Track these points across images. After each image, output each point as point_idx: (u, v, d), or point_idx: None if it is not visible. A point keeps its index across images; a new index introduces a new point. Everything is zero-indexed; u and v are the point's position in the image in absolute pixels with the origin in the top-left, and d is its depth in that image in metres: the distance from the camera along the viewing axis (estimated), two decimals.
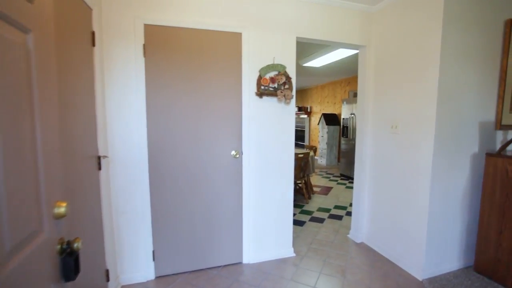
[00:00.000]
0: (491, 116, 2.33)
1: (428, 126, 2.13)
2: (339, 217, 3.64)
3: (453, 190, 2.26)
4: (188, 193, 2.24)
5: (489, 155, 2.21)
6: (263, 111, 2.35)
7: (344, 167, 6.17)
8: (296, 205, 4.14)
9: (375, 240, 2.73)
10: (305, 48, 4.31)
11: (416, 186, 2.26)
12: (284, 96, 2.30)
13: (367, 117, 2.76)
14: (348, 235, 3.06)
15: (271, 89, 2.32)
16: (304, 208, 4.00)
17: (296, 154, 3.94)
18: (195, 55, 2.14)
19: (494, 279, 2.22)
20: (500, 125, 2.33)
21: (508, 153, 2.23)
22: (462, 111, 2.20)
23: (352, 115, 5.88)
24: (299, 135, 9.85)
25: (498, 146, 2.43)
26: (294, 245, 2.79)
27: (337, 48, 3.91)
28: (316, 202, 4.28)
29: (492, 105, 2.32)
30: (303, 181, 4.33)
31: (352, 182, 5.66)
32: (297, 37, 2.41)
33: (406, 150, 2.34)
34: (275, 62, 2.33)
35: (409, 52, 2.27)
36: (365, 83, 2.73)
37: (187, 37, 2.10)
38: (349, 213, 3.78)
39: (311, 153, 4.45)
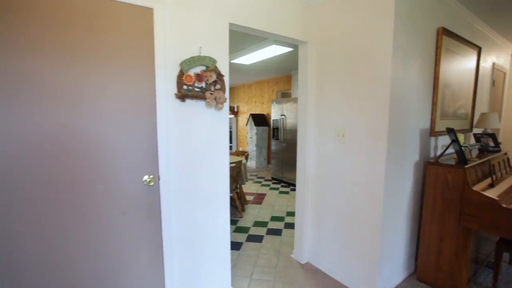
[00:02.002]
0: (427, 123, 2.29)
1: (380, 134, 1.91)
2: (278, 232, 3.29)
3: (400, 201, 2.12)
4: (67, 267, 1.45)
5: (430, 163, 2.14)
6: (187, 119, 1.73)
7: (275, 170, 5.99)
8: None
9: (322, 260, 2.45)
10: (234, 43, 3.80)
11: (367, 200, 2.03)
12: (215, 99, 1.73)
13: (309, 123, 2.44)
14: (291, 255, 2.72)
15: (197, 89, 1.71)
16: (239, 224, 3.52)
17: None
18: (67, 33, 1.36)
19: (435, 286, 2.20)
20: (434, 132, 2.31)
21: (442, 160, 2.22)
22: (408, 117, 2.06)
23: (283, 116, 5.71)
24: None
25: (432, 153, 2.44)
26: (233, 279, 2.27)
27: (269, 45, 3.54)
28: (251, 215, 3.86)
29: (428, 112, 2.28)
30: (236, 193, 3.85)
31: (285, 186, 5.50)
32: (230, 24, 1.87)
33: (356, 160, 2.09)
34: (202, 54, 1.74)
35: (357, 52, 2.01)
36: (307, 85, 2.39)
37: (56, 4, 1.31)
38: (288, 225, 3.49)
39: (243, 161, 4.00)
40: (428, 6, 2.09)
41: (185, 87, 1.67)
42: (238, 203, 3.76)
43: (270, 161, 6.17)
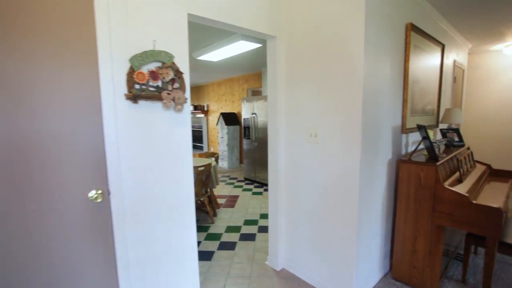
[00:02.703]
0: (398, 120, 2.26)
1: (354, 133, 1.82)
2: (252, 237, 3.14)
3: (375, 201, 2.07)
4: None
5: (402, 161, 2.11)
6: (141, 123, 1.50)
7: (248, 170, 5.83)
8: (199, 228, 3.40)
9: (297, 266, 2.34)
10: (199, 38, 3.56)
11: (342, 202, 1.94)
12: (174, 99, 1.51)
13: (280, 123, 2.30)
14: (266, 262, 2.58)
15: (152, 89, 1.49)
16: (211, 231, 3.32)
17: (195, 168, 3.20)
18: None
19: (410, 284, 2.18)
20: (405, 129, 2.29)
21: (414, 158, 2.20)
22: (381, 115, 2.00)
23: (254, 115, 5.56)
24: (197, 136, 9.05)
25: (403, 150, 2.43)
26: None
27: (237, 40, 3.35)
28: (223, 220, 3.67)
29: (399, 109, 2.25)
30: (207, 197, 3.63)
31: (258, 186, 5.37)
32: (189, 15, 1.66)
33: (329, 161, 1.99)
34: (157, 49, 1.51)
35: (329, 47, 1.90)
36: (277, 82, 2.25)
37: None
38: (261, 229, 3.35)
39: (213, 163, 3.79)
40: (397, 1, 2.04)
41: (137, 86, 1.44)
42: (209, 208, 3.55)
43: (243, 161, 6.01)
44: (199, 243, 3.01)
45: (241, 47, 3.68)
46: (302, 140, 2.17)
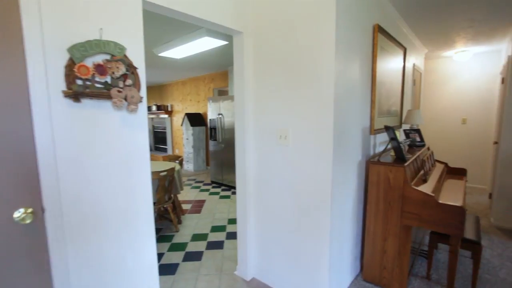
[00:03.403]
0: (367, 121, 2.26)
1: (326, 135, 1.75)
2: (220, 245, 2.97)
3: (346, 204, 2.03)
4: None
5: (372, 163, 2.10)
6: (85, 126, 1.26)
7: (215, 173, 5.62)
8: (163, 237, 3.14)
9: (269, 274, 2.22)
10: (160, 33, 3.29)
11: (314, 206, 1.87)
12: (126, 98, 1.30)
13: (248, 124, 2.17)
14: (235, 272, 2.43)
15: (99, 85, 1.25)
16: (175, 240, 3.07)
17: (157, 173, 2.94)
18: None
19: (381, 285, 2.19)
20: (373, 130, 2.30)
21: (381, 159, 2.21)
22: (351, 116, 1.96)
23: (220, 115, 5.36)
24: (160, 138, 8.59)
25: (372, 151, 2.44)
26: None
27: (202, 36, 3.15)
28: (188, 227, 3.44)
29: (368, 110, 2.25)
30: (171, 204, 3.37)
31: (226, 190, 5.19)
32: (144, 1, 1.45)
33: (300, 164, 1.90)
34: (104, 38, 1.28)
35: (299, 44, 1.80)
36: (244, 81, 2.11)
37: None
38: (230, 235, 3.19)
39: (177, 167, 3.54)
40: (365, 2, 2.02)
41: (79, 81, 1.20)
42: (173, 215, 3.29)
43: (209, 163, 5.78)
44: (161, 255, 2.76)
45: (206, 44, 3.48)
46: (271, 142, 2.06)
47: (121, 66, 1.28)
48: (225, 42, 3.46)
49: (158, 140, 8.76)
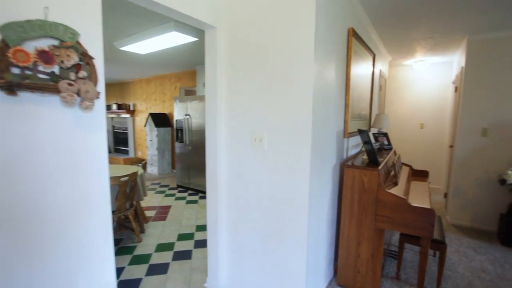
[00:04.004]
0: (341, 124, 2.25)
1: (303, 139, 1.68)
2: (188, 254, 2.76)
3: (322, 209, 1.98)
4: None
5: (347, 166, 2.09)
6: (24, 125, 1.02)
7: (181, 176, 5.34)
8: (123, 249, 2.85)
9: (241, 284, 2.09)
10: (122, 24, 3.01)
11: (291, 213, 1.78)
12: (79, 93, 1.09)
13: (219, 126, 2.02)
14: (205, 285, 2.26)
15: (43, 76, 1.03)
16: (137, 252, 2.80)
17: (117, 178, 2.66)
18: None
19: None
20: (347, 133, 2.30)
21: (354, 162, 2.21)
22: (328, 119, 1.92)
23: (188, 116, 5.11)
24: (121, 139, 8.01)
25: (345, 155, 2.44)
26: None
27: (169, 31, 2.93)
28: (152, 236, 3.17)
29: (342, 113, 2.24)
30: (133, 211, 3.08)
31: (193, 194, 4.94)
32: None
33: (276, 169, 1.81)
34: (51, 19, 1.06)
35: (276, 42, 1.71)
36: (216, 80, 1.97)
37: None
38: (199, 243, 2.99)
39: (140, 171, 3.25)
40: (340, 5, 2.00)
41: (15, 70, 0.97)
42: (135, 224, 3.01)
43: (175, 166, 5.48)
44: (121, 269, 2.48)
45: (174, 39, 3.26)
46: (245, 145, 1.94)
47: (72, 55, 1.07)
48: (195, 39, 3.28)
49: (119, 141, 8.15)
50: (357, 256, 2.13)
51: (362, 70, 2.61)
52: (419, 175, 3.02)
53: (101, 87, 1.21)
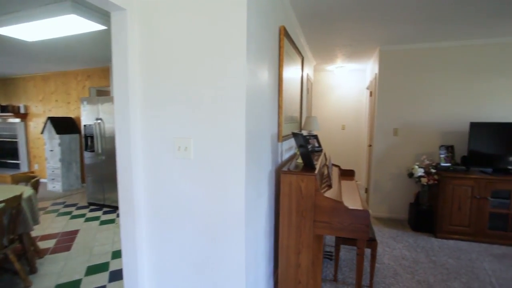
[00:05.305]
0: (275, 127, 2.11)
1: (237, 146, 1.44)
2: None
3: (260, 222, 1.79)
4: None
5: (284, 172, 1.95)
6: None
7: (94, 192, 4.49)
8: None
9: None
10: None
11: (225, 230, 1.52)
12: None
13: (134, 132, 1.63)
14: None
15: None
16: None
17: None
18: None
19: None
20: (281, 137, 2.18)
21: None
22: (262, 122, 1.75)
23: (99, 121, 4.33)
24: (9, 150, 6.40)
25: (280, 159, 2.31)
26: None
27: (65, 12, 2.32)
28: (49, 275, 2.46)
29: (275, 115, 2.10)
30: (15, 248, 2.32)
31: (109, 212, 4.19)
32: None
33: (206, 182, 1.53)
34: None
35: (205, 37, 1.44)
36: (128, 77, 1.57)
37: None
38: (115, 276, 2.45)
39: (28, 192, 2.51)
40: (272, 1, 1.86)
41: None
42: (18, 265, 2.26)
43: (85, 179, 4.58)
44: None
45: (73, 25, 2.62)
46: (168, 154, 1.60)
47: None
48: (103, 27, 2.71)
49: (5, 153, 6.48)
50: (298, 266, 2.01)
51: (292, 71, 2.55)
52: (347, 174, 3.16)
53: None
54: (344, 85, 5.28)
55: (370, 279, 2.26)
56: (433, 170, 3.22)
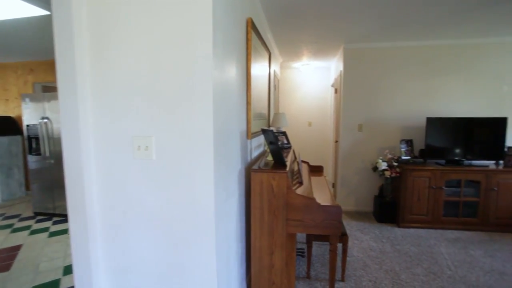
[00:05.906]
0: (244, 124, 2.01)
1: (204, 144, 1.32)
2: None
3: (230, 224, 1.68)
4: None
5: (254, 171, 1.86)
6: None
7: (41, 200, 3.99)
8: None
9: None
10: None
11: (194, 237, 1.39)
12: None
13: (84, 131, 1.41)
14: None
15: None
16: None
17: None
18: None
19: None
20: (250, 134, 2.08)
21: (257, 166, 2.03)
22: (230, 119, 1.64)
23: (46, 120, 3.85)
24: None
25: (249, 157, 2.22)
26: None
27: None
28: None
29: (244, 112, 2.00)
30: None
31: (60, 222, 3.76)
32: None
33: (171, 184, 1.38)
34: None
35: (167, 22, 1.28)
36: (75, 69, 1.35)
37: None
38: None
39: None
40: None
41: None
42: None
43: (30, 187, 4.06)
44: None
45: (7, 9, 2.26)
46: (125, 155, 1.41)
47: None
48: (46, 12, 2.37)
49: None
50: (271, 266, 1.95)
51: (260, 67, 2.47)
52: (316, 170, 3.18)
53: None
54: (309, 82, 5.36)
55: (342, 273, 2.28)
56: (395, 164, 3.38)
